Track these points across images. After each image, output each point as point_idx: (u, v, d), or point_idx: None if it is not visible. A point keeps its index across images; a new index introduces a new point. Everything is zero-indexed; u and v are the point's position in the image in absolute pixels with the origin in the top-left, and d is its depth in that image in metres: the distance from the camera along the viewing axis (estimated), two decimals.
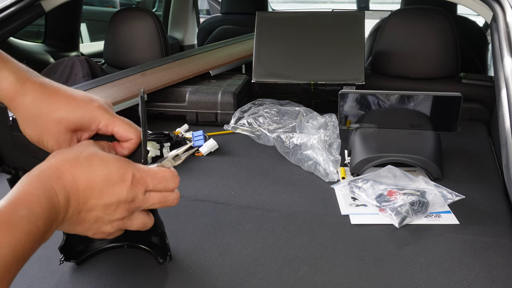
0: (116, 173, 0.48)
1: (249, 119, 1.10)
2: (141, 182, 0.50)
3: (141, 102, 0.55)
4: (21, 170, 0.59)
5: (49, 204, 0.43)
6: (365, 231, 0.74)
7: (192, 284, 0.62)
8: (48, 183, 0.44)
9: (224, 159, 1.02)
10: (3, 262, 0.37)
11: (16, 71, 0.51)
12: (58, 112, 0.52)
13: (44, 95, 0.52)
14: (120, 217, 0.50)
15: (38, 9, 1.32)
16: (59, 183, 0.45)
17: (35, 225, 0.41)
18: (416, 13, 1.34)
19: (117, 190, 0.48)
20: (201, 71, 1.34)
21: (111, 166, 0.49)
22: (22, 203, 0.41)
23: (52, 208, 0.43)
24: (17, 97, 0.51)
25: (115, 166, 0.49)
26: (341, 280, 0.63)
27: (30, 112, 0.52)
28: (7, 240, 0.38)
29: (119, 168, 0.49)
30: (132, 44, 1.57)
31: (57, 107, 0.52)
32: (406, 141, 0.94)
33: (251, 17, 1.33)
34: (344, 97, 0.96)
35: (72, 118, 0.53)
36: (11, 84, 0.51)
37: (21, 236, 0.39)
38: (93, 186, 0.47)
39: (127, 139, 0.56)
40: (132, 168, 0.50)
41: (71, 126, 0.53)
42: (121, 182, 0.49)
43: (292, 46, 1.26)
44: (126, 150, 0.57)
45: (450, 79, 1.33)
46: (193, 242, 0.72)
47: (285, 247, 0.70)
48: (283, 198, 0.85)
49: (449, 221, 0.76)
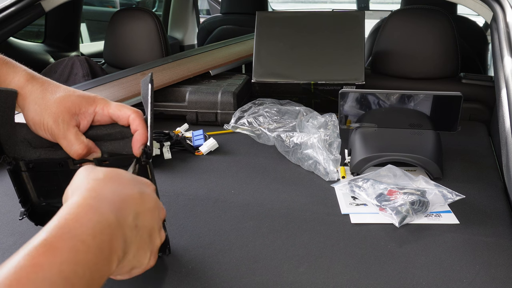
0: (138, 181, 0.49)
1: (249, 118, 1.10)
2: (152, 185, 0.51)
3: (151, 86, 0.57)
4: (21, 161, 0.59)
5: (96, 218, 0.40)
6: (365, 230, 0.74)
7: (191, 279, 0.62)
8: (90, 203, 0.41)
9: (224, 158, 1.02)
10: (48, 284, 0.34)
11: (26, 71, 0.59)
12: (59, 94, 0.58)
13: (50, 86, 0.59)
14: (161, 221, 0.50)
15: (38, 9, 1.32)
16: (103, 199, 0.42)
17: (79, 241, 0.37)
18: (416, 13, 1.34)
19: (150, 193, 0.49)
20: (201, 71, 1.34)
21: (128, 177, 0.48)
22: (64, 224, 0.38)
23: (100, 222, 0.40)
24: (27, 86, 0.57)
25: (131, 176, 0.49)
26: (341, 277, 0.63)
27: (36, 98, 0.57)
28: (48, 261, 0.35)
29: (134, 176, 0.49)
30: (132, 44, 1.57)
31: (59, 91, 0.58)
32: (406, 140, 0.94)
33: (251, 17, 1.33)
34: (344, 97, 0.96)
35: (71, 99, 0.58)
36: (23, 77, 0.58)
37: (65, 256, 0.35)
38: (133, 197, 0.46)
39: (124, 116, 0.59)
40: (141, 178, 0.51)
41: (70, 107, 0.57)
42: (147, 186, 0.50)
43: (292, 46, 1.26)
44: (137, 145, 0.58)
45: (450, 79, 1.33)
46: (192, 239, 0.72)
47: (285, 244, 0.70)
48: (283, 197, 0.85)
49: (449, 221, 0.76)
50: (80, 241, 0.37)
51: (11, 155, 0.58)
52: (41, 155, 0.60)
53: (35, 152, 0.60)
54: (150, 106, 0.58)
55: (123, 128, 0.61)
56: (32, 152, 0.59)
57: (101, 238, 0.38)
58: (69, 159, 0.60)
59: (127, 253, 0.43)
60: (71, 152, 0.58)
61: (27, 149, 0.59)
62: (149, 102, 0.58)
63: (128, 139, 0.61)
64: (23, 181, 0.62)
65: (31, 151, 0.59)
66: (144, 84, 0.61)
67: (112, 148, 0.62)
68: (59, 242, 0.36)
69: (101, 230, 0.39)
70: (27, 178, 0.62)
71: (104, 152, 0.62)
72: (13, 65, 0.59)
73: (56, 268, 0.34)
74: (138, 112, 0.59)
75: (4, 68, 0.58)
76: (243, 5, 2.55)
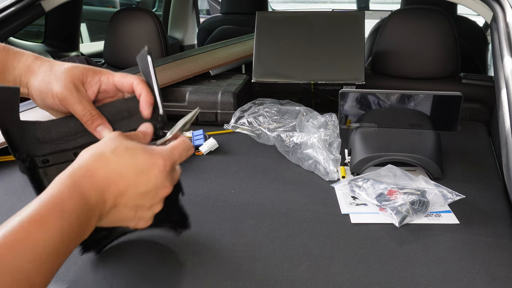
0: (147, 162, 0.50)
1: (249, 118, 1.10)
2: (170, 162, 0.52)
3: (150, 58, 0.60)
4: (36, 157, 0.59)
5: (82, 200, 0.44)
6: (365, 230, 0.74)
7: (191, 279, 0.63)
8: (79, 182, 0.46)
9: (224, 158, 1.02)
10: (38, 258, 0.38)
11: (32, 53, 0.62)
12: (66, 65, 0.61)
13: (56, 62, 0.62)
14: (160, 200, 0.53)
15: (38, 9, 1.32)
16: (91, 180, 0.46)
17: (67, 222, 0.42)
18: (416, 13, 1.34)
19: (152, 177, 0.50)
20: (201, 71, 1.34)
21: (140, 156, 0.50)
22: (54, 201, 0.43)
23: (85, 204, 0.45)
24: (35, 62, 0.61)
25: (144, 155, 0.51)
26: (341, 276, 0.63)
27: (44, 70, 0.60)
28: (40, 236, 0.39)
29: (148, 156, 0.51)
30: (132, 44, 1.57)
31: (66, 64, 0.61)
32: (406, 140, 0.94)
33: (251, 17, 1.33)
34: (344, 97, 0.96)
35: (79, 68, 0.61)
36: (31, 56, 0.62)
37: (53, 233, 0.40)
38: (127, 178, 0.49)
39: (128, 83, 0.62)
40: (159, 152, 0.52)
41: (78, 75, 0.60)
42: (153, 169, 0.50)
43: (292, 46, 1.26)
44: (144, 106, 0.61)
45: (450, 79, 1.33)
46: (192, 238, 0.72)
47: (284, 244, 0.70)
48: (283, 197, 0.85)
49: (449, 221, 0.76)
50: (68, 222, 0.42)
51: (24, 152, 0.58)
52: (51, 150, 0.60)
53: (45, 147, 0.60)
54: (155, 77, 0.61)
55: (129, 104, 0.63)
56: (42, 148, 0.60)
57: (83, 219, 0.44)
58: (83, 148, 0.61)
59: (100, 223, 0.49)
60: (85, 115, 0.60)
61: (37, 145, 0.59)
62: (152, 74, 0.60)
63: (135, 116, 0.63)
64: (40, 177, 0.62)
65: (41, 147, 0.60)
66: (142, 59, 0.63)
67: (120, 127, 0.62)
68: (52, 221, 0.41)
69: (84, 212, 0.44)
70: (43, 174, 0.62)
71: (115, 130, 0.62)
72: (18, 49, 0.63)
73: (42, 243, 0.39)
74: (140, 79, 0.62)
75: (10, 52, 0.61)
76: (243, 5, 2.55)
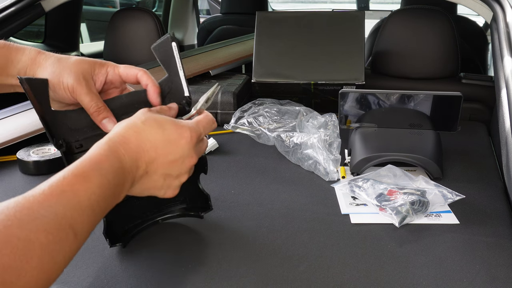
0: (174, 132, 0.54)
1: (249, 118, 1.10)
2: (196, 134, 0.56)
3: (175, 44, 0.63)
4: (72, 142, 0.63)
5: (118, 163, 0.48)
6: (365, 230, 0.74)
7: (191, 278, 0.63)
8: (115, 147, 0.50)
9: (224, 158, 1.02)
10: (79, 207, 0.42)
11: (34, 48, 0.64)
12: (74, 59, 0.63)
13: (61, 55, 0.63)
14: (187, 170, 0.57)
15: (38, 9, 1.32)
16: (125, 147, 0.50)
17: (106, 179, 0.46)
18: (416, 13, 1.34)
19: (179, 147, 0.54)
20: (201, 71, 1.34)
21: (168, 127, 0.54)
22: (94, 160, 0.47)
23: (120, 167, 0.49)
24: (40, 56, 0.63)
25: (172, 126, 0.55)
26: (341, 277, 0.63)
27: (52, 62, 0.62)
28: (84, 188, 0.43)
29: (176, 127, 0.55)
30: (132, 44, 1.57)
31: (73, 58, 0.63)
32: (406, 140, 0.94)
33: (251, 17, 1.33)
34: (344, 97, 0.96)
35: (87, 61, 0.64)
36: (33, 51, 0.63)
37: (94, 187, 0.44)
38: (157, 147, 0.53)
39: (133, 74, 0.65)
40: (185, 124, 0.56)
41: (87, 68, 0.63)
42: (180, 139, 0.54)
43: (292, 46, 1.26)
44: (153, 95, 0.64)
45: (450, 79, 1.33)
46: (192, 237, 0.72)
47: (284, 244, 0.70)
48: (283, 197, 0.85)
49: (449, 221, 0.76)
50: (106, 179, 0.46)
51: (60, 138, 0.61)
52: (83, 136, 0.63)
53: (77, 133, 0.63)
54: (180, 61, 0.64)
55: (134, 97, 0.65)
56: (75, 134, 0.63)
57: (118, 179, 0.48)
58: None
59: (133, 189, 0.53)
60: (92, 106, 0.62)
61: (69, 132, 0.62)
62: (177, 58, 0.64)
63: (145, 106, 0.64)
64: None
65: (73, 133, 0.63)
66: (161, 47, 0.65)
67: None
68: (93, 176, 0.45)
69: (119, 174, 0.48)
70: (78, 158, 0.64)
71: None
72: (20, 45, 0.64)
73: (87, 195, 0.43)
74: (144, 70, 0.65)
75: (12, 47, 0.63)
76: (243, 5, 2.55)
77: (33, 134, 1.04)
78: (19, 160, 0.95)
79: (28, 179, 0.94)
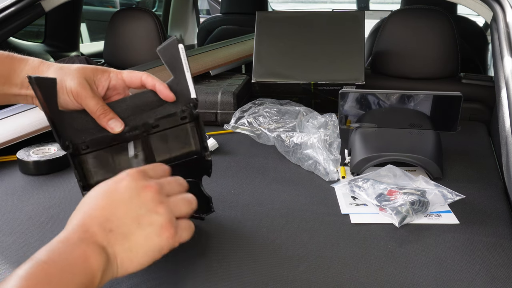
0: (108, 182, 0.51)
1: (249, 118, 1.10)
2: (135, 170, 0.52)
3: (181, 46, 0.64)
4: (78, 143, 0.63)
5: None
6: (365, 230, 0.74)
7: (191, 279, 0.62)
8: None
9: (224, 158, 1.02)
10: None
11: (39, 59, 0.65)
12: (76, 66, 0.64)
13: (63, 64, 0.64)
14: (159, 199, 0.50)
15: (38, 9, 1.32)
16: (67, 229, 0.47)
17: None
18: (416, 13, 1.34)
19: (121, 186, 0.50)
20: (201, 71, 1.34)
21: (101, 185, 0.51)
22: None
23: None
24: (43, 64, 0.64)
25: (105, 183, 0.51)
26: (341, 276, 0.63)
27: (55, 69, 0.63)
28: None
29: (109, 181, 0.51)
30: (132, 44, 1.57)
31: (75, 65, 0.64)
32: (406, 140, 0.94)
33: (251, 17, 1.33)
34: (344, 97, 0.96)
35: (89, 67, 0.65)
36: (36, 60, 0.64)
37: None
38: (98, 203, 0.49)
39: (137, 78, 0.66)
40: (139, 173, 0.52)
41: (89, 73, 0.64)
42: (117, 182, 0.50)
43: (292, 46, 1.26)
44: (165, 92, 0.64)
45: (450, 79, 1.33)
46: (192, 237, 0.72)
47: (284, 244, 0.70)
48: (283, 197, 0.85)
49: (449, 221, 0.76)
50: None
51: (68, 140, 0.61)
52: (87, 138, 0.63)
53: (83, 135, 0.63)
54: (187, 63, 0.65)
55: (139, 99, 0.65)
56: (81, 135, 0.63)
57: (82, 271, 0.43)
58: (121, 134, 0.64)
59: (115, 256, 0.47)
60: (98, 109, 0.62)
61: (75, 133, 0.63)
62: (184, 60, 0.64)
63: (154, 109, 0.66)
64: (83, 164, 0.65)
65: (79, 134, 0.63)
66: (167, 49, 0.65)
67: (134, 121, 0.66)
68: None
69: (79, 265, 0.43)
70: (85, 160, 0.65)
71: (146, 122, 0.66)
72: (23, 56, 0.66)
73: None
74: (148, 73, 0.66)
75: (15, 58, 0.64)
76: (243, 5, 2.55)
77: (33, 134, 1.04)
78: (19, 160, 0.95)
79: (28, 179, 0.94)
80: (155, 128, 0.66)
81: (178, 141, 0.67)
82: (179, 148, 0.68)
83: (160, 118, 0.66)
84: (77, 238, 0.45)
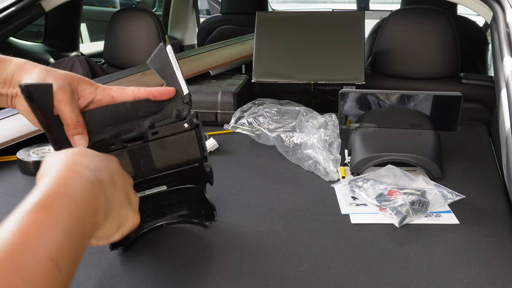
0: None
1: (249, 118, 1.10)
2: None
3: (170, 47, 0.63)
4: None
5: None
6: (365, 230, 0.74)
7: (191, 279, 0.63)
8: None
9: (224, 158, 1.02)
10: (53, 239, 0.39)
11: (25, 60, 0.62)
12: (62, 71, 0.61)
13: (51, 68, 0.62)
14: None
15: (38, 9, 1.32)
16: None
17: (72, 199, 0.43)
18: (416, 13, 1.34)
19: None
20: (201, 71, 1.34)
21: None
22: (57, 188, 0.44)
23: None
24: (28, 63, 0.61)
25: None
26: (341, 277, 0.63)
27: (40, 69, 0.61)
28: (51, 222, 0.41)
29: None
30: (132, 44, 1.58)
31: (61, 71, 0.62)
32: (406, 140, 0.94)
33: (251, 17, 1.33)
34: (344, 97, 0.96)
35: (75, 75, 0.62)
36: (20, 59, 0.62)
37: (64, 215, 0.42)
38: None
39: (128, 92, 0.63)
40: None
41: (73, 81, 0.61)
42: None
43: (292, 46, 1.26)
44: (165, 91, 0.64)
45: (450, 79, 1.33)
46: (192, 238, 0.72)
47: (285, 244, 0.70)
48: (283, 197, 0.85)
49: (449, 221, 0.76)
50: (72, 200, 0.42)
51: (63, 145, 0.60)
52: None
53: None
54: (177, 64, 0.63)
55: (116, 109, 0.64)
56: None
57: (88, 196, 0.44)
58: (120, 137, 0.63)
59: (110, 209, 0.49)
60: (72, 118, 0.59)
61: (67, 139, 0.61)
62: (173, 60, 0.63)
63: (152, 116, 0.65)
64: None
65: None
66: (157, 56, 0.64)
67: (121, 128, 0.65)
68: (55, 202, 0.42)
69: (87, 190, 0.45)
70: None
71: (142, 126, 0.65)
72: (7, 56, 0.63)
73: (55, 222, 0.40)
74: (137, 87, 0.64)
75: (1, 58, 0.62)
76: (243, 5, 2.55)
77: (33, 134, 1.04)
78: (19, 160, 0.95)
79: (28, 179, 0.94)
80: (154, 134, 0.64)
81: (178, 149, 0.66)
82: (179, 156, 0.67)
83: (158, 121, 0.65)
84: (86, 180, 0.46)
